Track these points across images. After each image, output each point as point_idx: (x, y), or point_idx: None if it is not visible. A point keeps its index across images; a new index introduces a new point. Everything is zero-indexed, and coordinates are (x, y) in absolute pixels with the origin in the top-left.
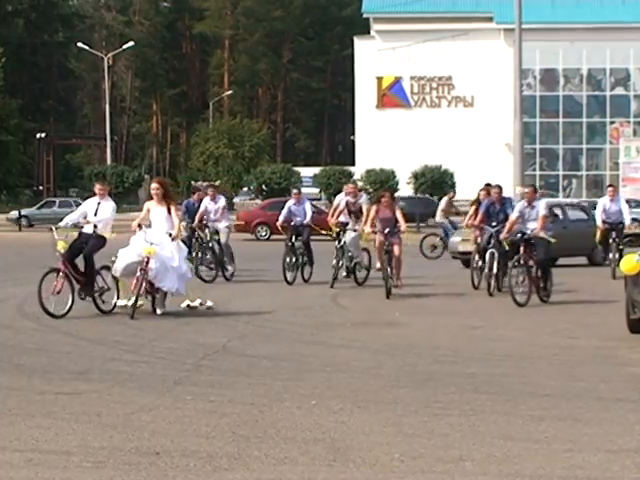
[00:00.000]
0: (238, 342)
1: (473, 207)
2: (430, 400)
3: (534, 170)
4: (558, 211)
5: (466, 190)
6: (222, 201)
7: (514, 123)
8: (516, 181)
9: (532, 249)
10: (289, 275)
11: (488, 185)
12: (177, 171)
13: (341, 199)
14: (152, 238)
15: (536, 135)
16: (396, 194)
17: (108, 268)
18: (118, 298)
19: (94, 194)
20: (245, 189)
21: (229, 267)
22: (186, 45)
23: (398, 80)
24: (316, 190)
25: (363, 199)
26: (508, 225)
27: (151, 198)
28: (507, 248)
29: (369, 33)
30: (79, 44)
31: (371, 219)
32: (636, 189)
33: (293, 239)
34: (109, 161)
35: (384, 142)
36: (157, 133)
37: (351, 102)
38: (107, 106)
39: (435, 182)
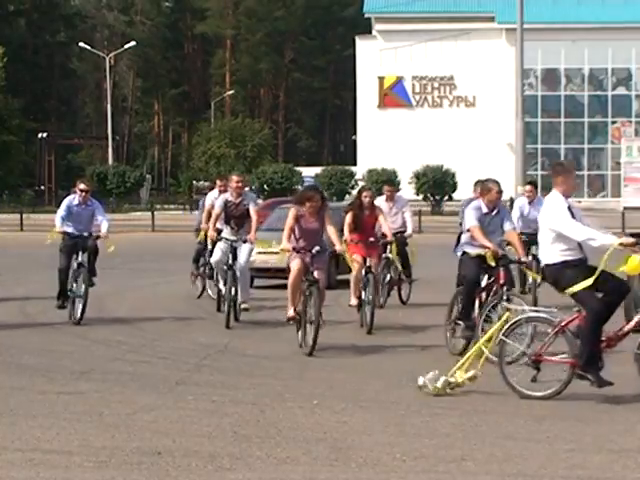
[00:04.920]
0: (239, 342)
1: (350, 214)
2: (431, 400)
3: (536, 170)
4: None
5: (467, 190)
6: None
7: (516, 123)
8: (518, 181)
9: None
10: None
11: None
12: (179, 171)
13: (214, 198)
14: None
15: (538, 135)
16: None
17: None
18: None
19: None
20: (247, 189)
21: None
22: (188, 45)
23: (400, 80)
24: None
25: (249, 197)
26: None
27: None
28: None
29: (371, 33)
30: (81, 44)
31: (289, 228)
32: (638, 189)
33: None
34: (111, 161)
35: (386, 142)
36: (159, 133)
37: (353, 102)
38: (109, 106)
39: (437, 182)
